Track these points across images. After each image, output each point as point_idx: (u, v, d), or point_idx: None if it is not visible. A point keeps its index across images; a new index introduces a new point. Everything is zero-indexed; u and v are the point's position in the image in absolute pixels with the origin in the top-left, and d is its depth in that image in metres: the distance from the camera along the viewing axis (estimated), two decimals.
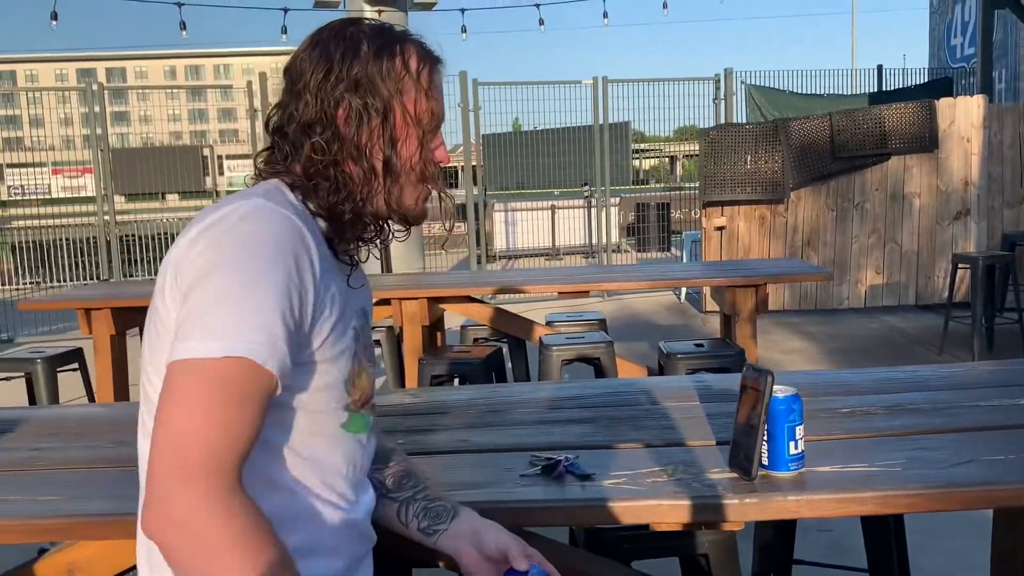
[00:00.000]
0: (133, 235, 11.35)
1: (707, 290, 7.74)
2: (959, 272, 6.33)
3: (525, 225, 13.28)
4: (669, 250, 13.26)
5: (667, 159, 30.97)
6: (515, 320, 4.20)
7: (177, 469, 0.87)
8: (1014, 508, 1.67)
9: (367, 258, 1.20)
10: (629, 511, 1.29)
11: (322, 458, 1.07)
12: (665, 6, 10.95)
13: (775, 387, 1.31)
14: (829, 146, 7.44)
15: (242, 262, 0.94)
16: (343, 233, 1.09)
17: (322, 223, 1.07)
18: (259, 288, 0.93)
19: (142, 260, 11.42)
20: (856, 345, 6.56)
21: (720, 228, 7.68)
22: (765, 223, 7.66)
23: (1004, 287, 6.49)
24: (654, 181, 28.10)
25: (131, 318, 4.11)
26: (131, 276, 10.82)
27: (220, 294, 0.92)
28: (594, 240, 10.91)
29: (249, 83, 9.32)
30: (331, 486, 1.08)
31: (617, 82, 9.34)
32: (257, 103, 9.13)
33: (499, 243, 13.20)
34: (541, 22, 11.39)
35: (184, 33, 9.76)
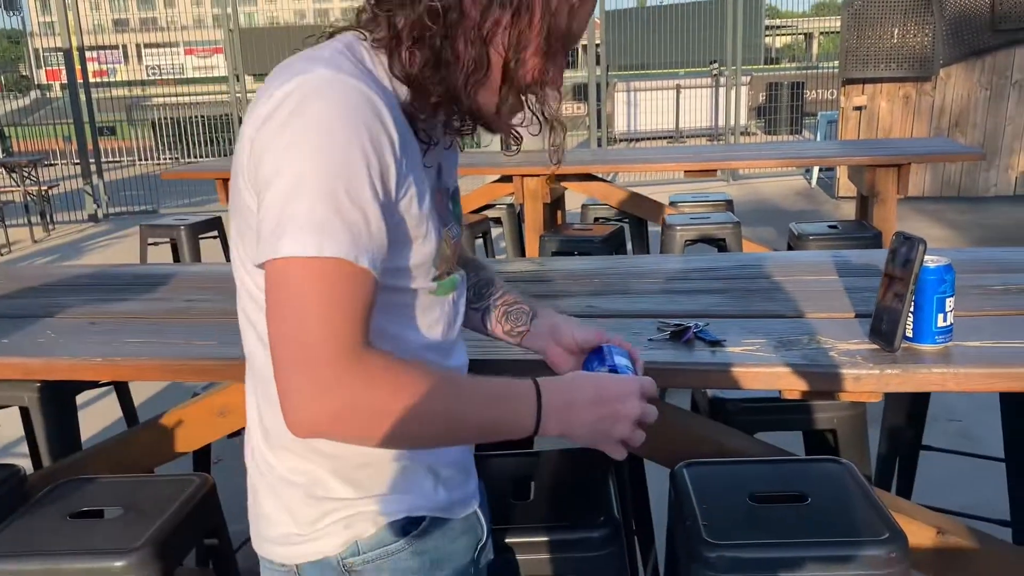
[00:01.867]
0: None
1: (842, 173, 7.38)
2: None
3: (648, 106, 12.87)
4: (801, 133, 12.63)
5: (802, 36, 29.15)
6: (638, 199, 4.12)
7: (308, 369, 0.85)
8: None
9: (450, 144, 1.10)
10: (761, 377, 1.27)
11: (414, 330, 1.03)
12: None
13: (927, 256, 1.24)
14: (989, 16, 6.78)
15: (316, 150, 0.87)
16: (423, 111, 0.97)
17: (403, 91, 0.96)
18: (339, 178, 0.86)
19: None
20: (1004, 235, 6.16)
21: (859, 108, 7.22)
22: (909, 102, 7.15)
23: None
24: (787, 60, 26.60)
25: None
26: None
27: (300, 187, 0.85)
28: (720, 122, 10.49)
29: None
30: (424, 358, 1.01)
31: None
32: None
33: (620, 125, 12.88)
34: None
35: None
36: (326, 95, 0.88)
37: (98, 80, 10.98)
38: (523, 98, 0.99)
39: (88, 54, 9.03)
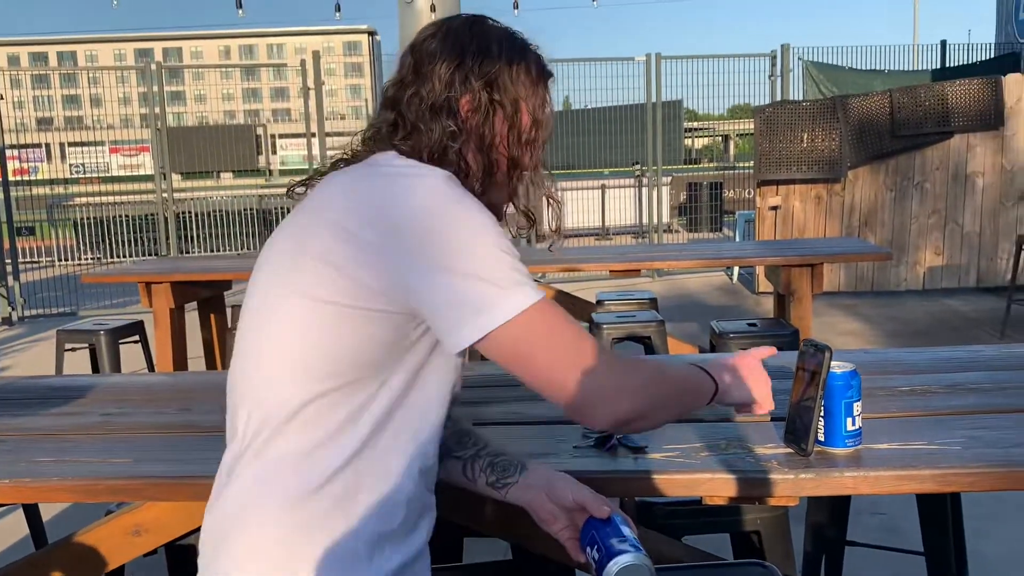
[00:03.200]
0: (189, 212, 11.58)
1: (760, 271, 7.65)
2: (1023, 254, 6.15)
3: (574, 205, 13.21)
4: (721, 230, 13.09)
5: (720, 138, 30.52)
6: (565, 299, 4.20)
7: (586, 376, 1.05)
8: None
9: None
10: (682, 484, 1.30)
11: (433, 429, 1.15)
12: None
13: (833, 363, 1.30)
14: (889, 124, 7.26)
15: (480, 227, 1.05)
16: None
17: None
18: (505, 241, 1.05)
19: (198, 237, 11.66)
20: (914, 328, 6.43)
21: (774, 207, 7.56)
22: (821, 202, 7.52)
23: None
24: (706, 160, 27.71)
25: (190, 292, 4.22)
26: (187, 252, 11.06)
27: (485, 257, 1.02)
28: (645, 220, 10.83)
29: (302, 62, 9.42)
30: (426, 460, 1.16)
31: (671, 59, 9.22)
32: (310, 82, 9.22)
33: (548, 223, 13.17)
34: None
35: (241, 12, 9.89)
36: (454, 190, 1.06)
37: (19, 179, 10.77)
38: (530, 183, 1.20)
39: (9, 152, 8.89)
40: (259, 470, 1.07)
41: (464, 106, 1.13)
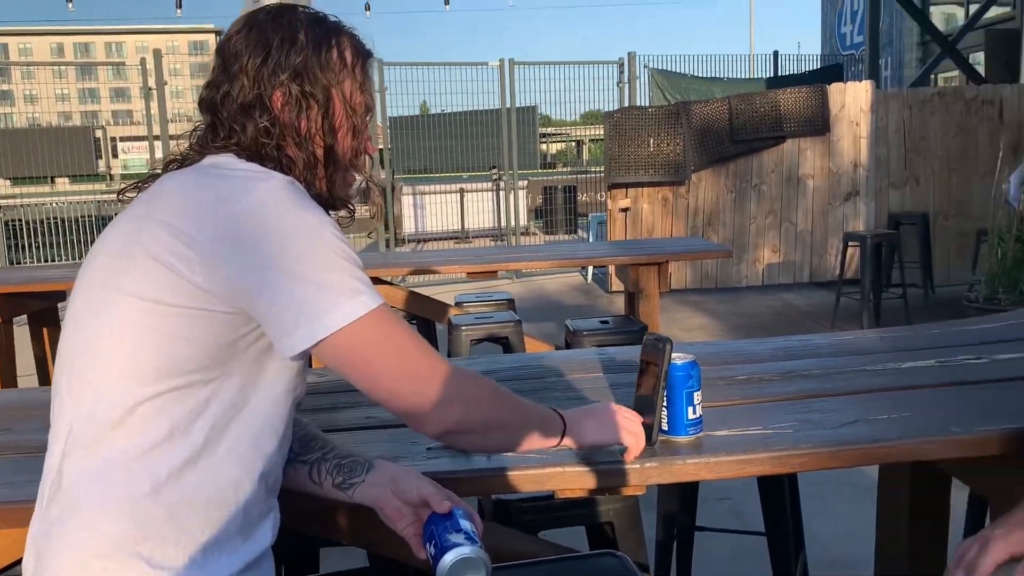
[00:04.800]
0: (19, 220, 10.76)
1: (612, 270, 7.88)
2: (849, 250, 6.63)
3: (434, 208, 13.21)
4: (576, 232, 13.42)
5: (574, 143, 31.28)
6: (425, 302, 4.18)
7: (419, 385, 1.09)
8: (897, 465, 1.77)
9: None
10: (533, 479, 1.31)
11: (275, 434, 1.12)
12: None
13: (673, 354, 1.34)
14: (727, 129, 7.66)
15: (312, 233, 1.03)
16: None
17: None
18: (341, 246, 1.04)
19: (30, 246, 10.85)
20: (755, 321, 6.80)
21: (625, 209, 7.81)
22: (668, 204, 7.84)
23: (890, 264, 6.84)
24: (561, 165, 28.32)
25: (20, 304, 3.92)
26: (18, 263, 10.28)
27: (317, 264, 1.01)
28: (503, 223, 10.95)
29: (143, 60, 8.94)
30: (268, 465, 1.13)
31: (523, 64, 9.37)
32: (151, 82, 8.76)
33: (408, 226, 13.10)
34: (447, 1, 11.31)
35: (71, 6, 9.28)
36: (292, 194, 1.03)
37: None
38: (349, 172, 1.19)
39: None
40: (85, 474, 1.01)
41: (276, 101, 1.11)
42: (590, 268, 9.12)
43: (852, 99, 7.78)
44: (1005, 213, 5.31)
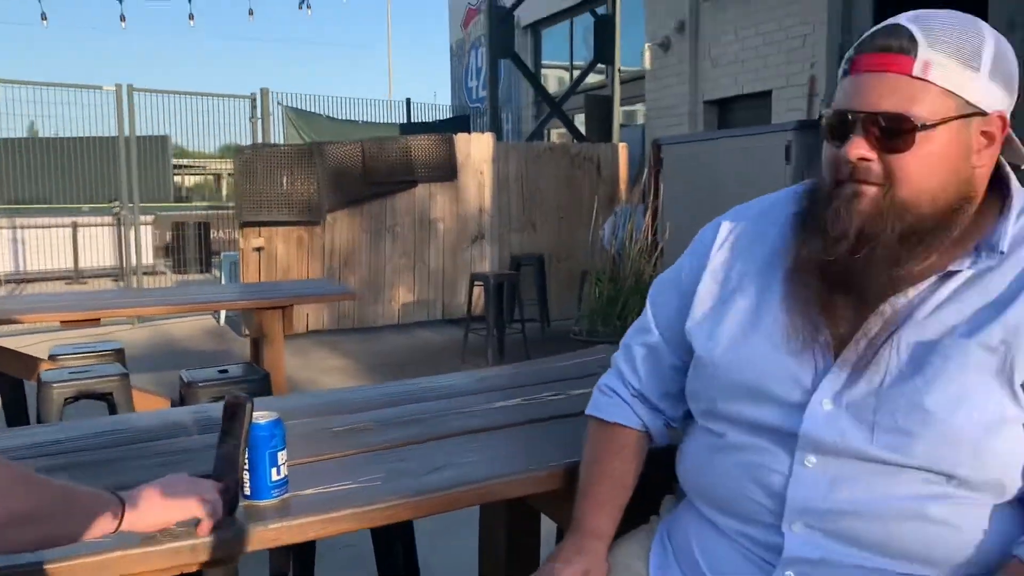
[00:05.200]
0: None
1: None
2: (475, 289, 7.05)
3: (40, 244, 11.70)
4: (210, 271, 12.72)
5: (212, 177, 29.79)
6: (7, 356, 3.62)
7: None
8: (494, 504, 1.85)
9: None
10: (92, 568, 1.14)
11: None
12: (191, 17, 10.53)
13: (256, 413, 1.27)
14: (361, 171, 7.78)
15: None
16: None
17: None
18: None
19: None
20: (391, 359, 6.93)
21: (258, 249, 7.56)
22: (303, 244, 7.73)
23: (512, 301, 7.39)
24: (199, 199, 26.82)
25: None
26: None
27: None
28: (124, 262, 10.01)
29: None
30: None
31: (145, 91, 8.70)
32: None
33: (5, 265, 11.44)
34: (44, 16, 10.19)
35: None
36: None
37: None
38: None
39: None
40: None
41: None
42: (223, 311, 8.66)
43: (476, 149, 8.34)
44: (601, 256, 6.00)
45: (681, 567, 1.26)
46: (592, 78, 10.90)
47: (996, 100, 1.09)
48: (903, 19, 1.10)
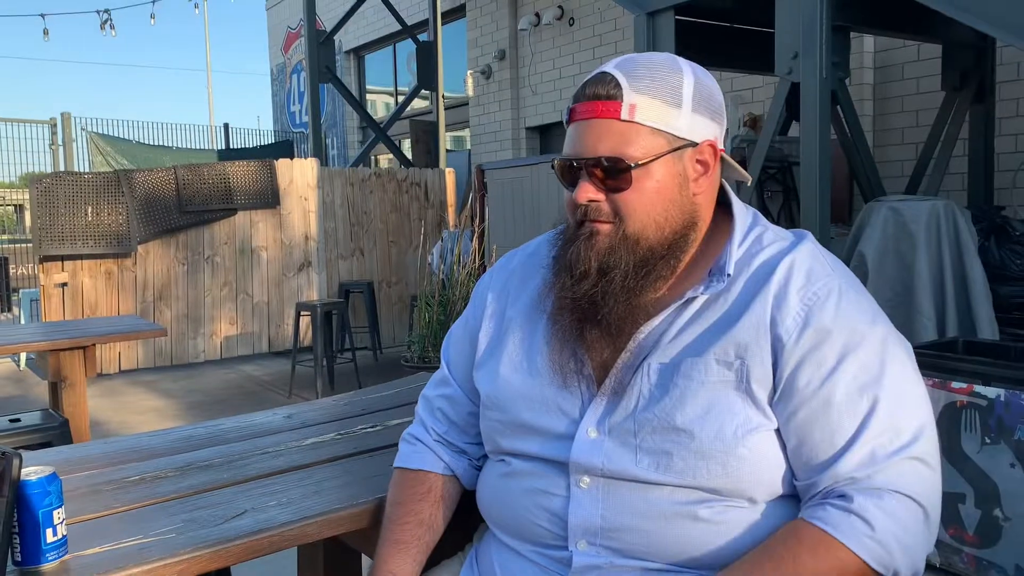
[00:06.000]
0: None
1: None
2: (303, 319, 6.85)
3: None
4: (11, 310, 11.67)
5: (13, 208, 27.48)
6: None
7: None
8: (310, 545, 1.78)
9: None
10: None
11: None
12: None
13: (27, 469, 1.16)
14: (176, 199, 7.41)
15: None
16: None
17: None
18: None
19: None
20: (213, 397, 6.60)
21: (62, 285, 7.01)
22: (112, 278, 7.25)
23: (342, 330, 7.24)
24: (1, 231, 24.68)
25: None
26: None
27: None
28: None
29: None
30: None
31: None
32: None
33: None
34: None
35: None
36: None
37: None
38: None
39: None
40: None
41: None
42: (24, 354, 7.95)
43: (300, 174, 8.14)
44: (430, 281, 5.99)
45: None
46: (418, 103, 10.94)
47: (704, 130, 1.18)
48: (610, 66, 1.19)
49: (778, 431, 1.12)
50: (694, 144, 1.17)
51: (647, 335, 1.17)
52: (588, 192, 1.16)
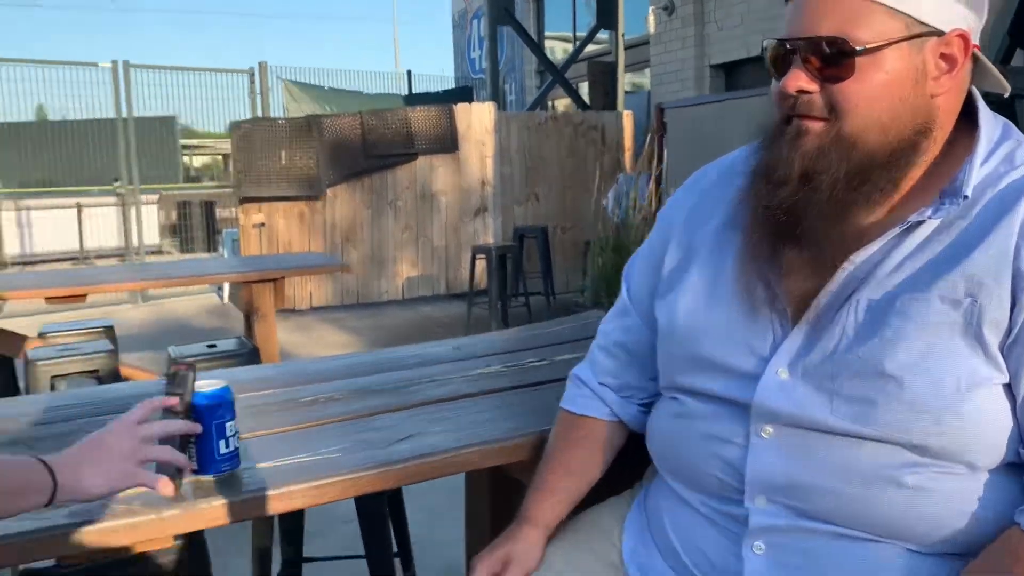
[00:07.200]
0: None
1: None
2: (478, 263, 6.95)
3: (46, 225, 11.68)
4: (216, 250, 12.67)
5: (220, 156, 29.76)
6: None
7: None
8: (478, 474, 1.77)
9: None
10: (28, 548, 1.07)
11: None
12: None
13: (201, 382, 1.18)
14: (361, 144, 7.66)
15: None
16: None
17: None
18: None
19: None
20: (394, 334, 6.86)
21: (259, 225, 7.48)
22: (304, 219, 7.65)
23: (516, 274, 7.30)
24: (207, 179, 26.82)
25: None
26: None
27: None
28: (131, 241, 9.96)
29: None
30: None
31: (142, 67, 8.60)
32: None
33: (13, 247, 11.42)
34: None
35: None
36: None
37: None
38: None
39: None
40: None
41: None
42: (227, 287, 8.61)
43: (477, 119, 8.20)
44: (605, 226, 5.89)
45: (652, 532, 1.20)
46: (596, 45, 10.71)
47: (955, 17, 0.96)
48: None
49: (1008, 385, 0.93)
50: (940, 33, 0.96)
51: (859, 265, 0.99)
52: (799, 80, 0.97)
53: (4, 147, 13.33)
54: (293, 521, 2.28)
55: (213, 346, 3.34)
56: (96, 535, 1.09)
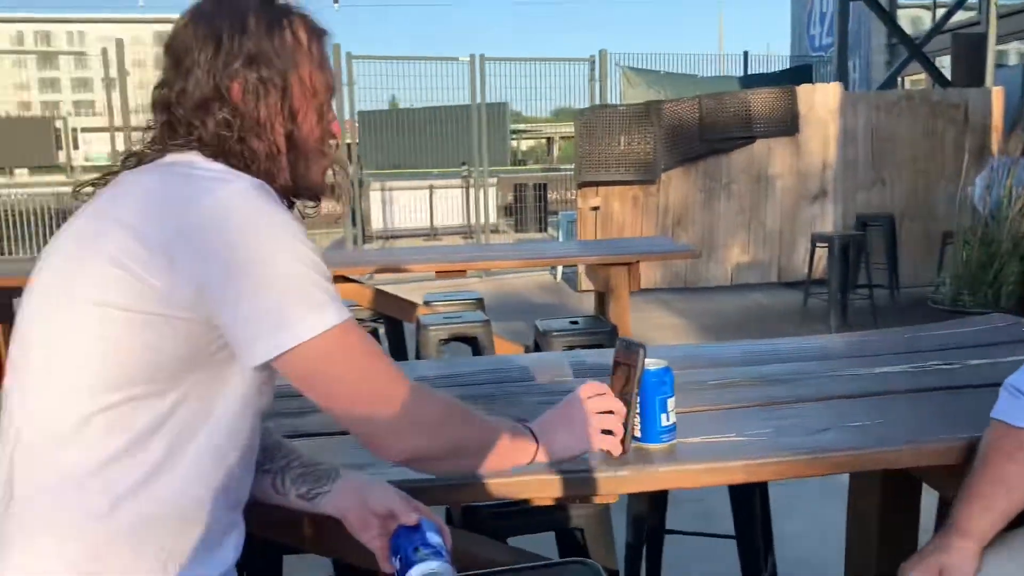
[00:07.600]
0: None
1: (582, 269, 7.87)
2: (817, 251, 6.68)
3: (403, 205, 13.12)
4: (546, 230, 13.40)
5: (544, 140, 31.29)
6: (392, 300, 4.13)
7: (379, 408, 1.03)
8: (869, 472, 1.76)
9: None
10: (506, 487, 1.27)
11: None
12: None
13: (646, 360, 1.32)
14: (697, 128, 7.68)
15: (288, 241, 0.98)
16: None
17: None
18: (311, 254, 0.98)
19: None
20: (723, 321, 6.83)
21: (595, 208, 7.80)
22: (638, 203, 7.84)
23: (858, 265, 6.90)
24: (532, 162, 28.34)
25: None
26: None
27: (291, 269, 0.96)
28: (472, 221, 10.90)
29: (104, 50, 8.75)
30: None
31: (494, 60, 9.33)
32: (113, 72, 8.58)
33: (377, 223, 12.99)
34: None
35: None
36: (259, 198, 0.98)
37: None
38: (315, 158, 1.12)
39: None
40: (37, 487, 0.96)
41: (235, 92, 1.05)
42: (559, 267, 9.10)
43: (821, 100, 7.83)
44: (970, 216, 5.37)
45: None
46: (960, 15, 9.68)
47: None
48: None
49: None
50: None
51: None
52: None
53: (368, 133, 15.09)
54: (661, 494, 2.41)
55: (575, 323, 3.59)
56: (560, 486, 1.26)
